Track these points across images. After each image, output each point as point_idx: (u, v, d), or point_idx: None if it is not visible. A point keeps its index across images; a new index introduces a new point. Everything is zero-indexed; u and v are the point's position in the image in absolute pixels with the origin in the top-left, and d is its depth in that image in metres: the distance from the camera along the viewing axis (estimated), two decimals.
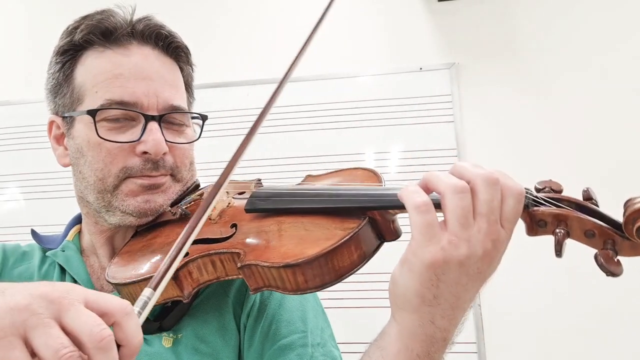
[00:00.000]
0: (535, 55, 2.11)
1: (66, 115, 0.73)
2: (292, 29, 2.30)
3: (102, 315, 0.39)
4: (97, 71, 0.69)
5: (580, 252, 0.50)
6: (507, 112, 2.08)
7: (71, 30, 0.72)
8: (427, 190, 0.50)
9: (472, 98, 2.10)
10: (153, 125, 0.69)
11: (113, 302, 0.40)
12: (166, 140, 0.70)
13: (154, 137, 0.68)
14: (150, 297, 0.46)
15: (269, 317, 0.69)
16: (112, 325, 0.39)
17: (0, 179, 2.31)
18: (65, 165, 0.76)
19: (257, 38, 2.32)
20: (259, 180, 0.75)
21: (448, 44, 2.18)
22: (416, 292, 0.49)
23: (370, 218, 0.56)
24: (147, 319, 0.49)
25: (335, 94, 2.15)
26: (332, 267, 0.53)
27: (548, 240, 0.55)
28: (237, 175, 0.73)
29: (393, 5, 2.25)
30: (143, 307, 0.45)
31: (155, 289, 0.47)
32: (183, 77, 0.78)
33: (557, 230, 0.49)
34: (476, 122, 2.08)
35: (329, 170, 0.71)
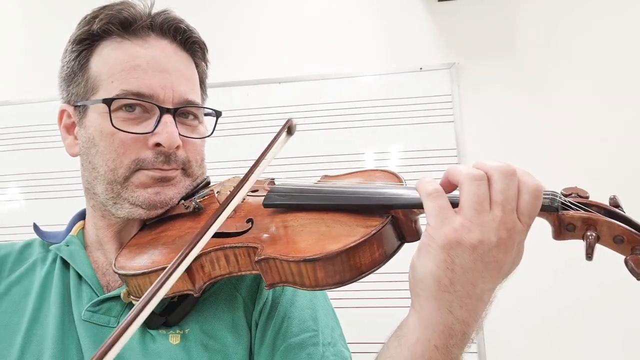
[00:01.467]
0: (536, 55, 2.11)
1: (79, 104, 0.72)
2: (292, 29, 2.30)
3: None
4: (114, 62, 0.69)
5: (581, 252, 0.50)
6: (507, 112, 2.08)
7: (89, 20, 0.71)
8: (449, 184, 0.52)
9: (472, 98, 2.10)
10: (168, 118, 0.68)
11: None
12: (180, 135, 0.70)
13: (168, 129, 0.67)
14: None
15: (281, 314, 0.69)
16: None
17: (0, 179, 2.31)
18: (74, 155, 0.75)
19: (258, 38, 2.32)
20: (273, 179, 0.74)
21: (448, 44, 2.18)
22: (432, 275, 0.49)
23: (393, 217, 0.55)
24: (153, 313, 0.49)
25: (335, 94, 2.15)
26: (353, 265, 0.53)
27: (548, 240, 0.55)
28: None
29: (393, 5, 2.25)
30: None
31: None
32: (198, 73, 0.78)
33: (589, 234, 0.49)
34: (476, 122, 2.08)
35: (347, 172, 0.70)
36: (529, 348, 1.89)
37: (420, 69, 2.14)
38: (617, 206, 0.51)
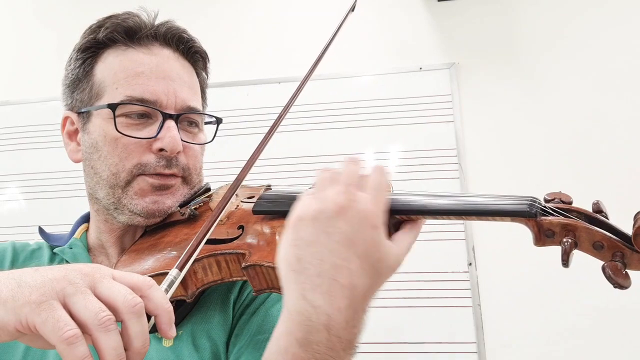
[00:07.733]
0: (535, 55, 2.11)
1: (83, 110, 0.74)
2: (292, 29, 2.30)
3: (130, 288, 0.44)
4: (119, 68, 0.72)
5: (580, 253, 0.49)
6: (507, 112, 2.08)
7: (95, 29, 0.75)
8: None
9: (472, 98, 2.10)
10: (170, 123, 0.71)
11: (137, 277, 0.45)
12: (181, 140, 0.72)
13: (171, 134, 0.70)
14: (176, 277, 0.51)
15: (251, 311, 0.70)
16: None
17: (0, 179, 2.31)
18: (77, 161, 0.77)
19: (258, 38, 2.32)
20: (269, 186, 0.76)
21: (448, 44, 2.18)
22: (283, 256, 0.51)
23: None
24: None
25: (335, 94, 2.15)
26: None
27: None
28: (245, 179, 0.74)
29: (393, 5, 2.25)
30: (170, 286, 0.50)
31: (181, 269, 0.53)
32: (199, 82, 0.81)
33: (565, 240, 0.48)
34: (476, 122, 2.08)
35: None
36: (529, 348, 1.89)
37: (420, 68, 2.14)
38: (600, 212, 0.51)
